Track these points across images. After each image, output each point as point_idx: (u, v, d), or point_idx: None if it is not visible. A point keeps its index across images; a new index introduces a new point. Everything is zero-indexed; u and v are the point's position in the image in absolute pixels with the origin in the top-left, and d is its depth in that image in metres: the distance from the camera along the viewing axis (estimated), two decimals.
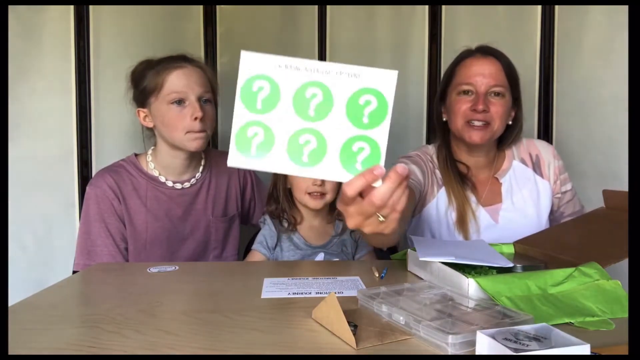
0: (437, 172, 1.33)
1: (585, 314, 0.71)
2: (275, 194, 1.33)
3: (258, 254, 1.29)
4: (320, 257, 1.27)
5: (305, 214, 1.32)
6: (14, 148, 1.52)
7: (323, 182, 1.24)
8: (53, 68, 1.59)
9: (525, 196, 1.31)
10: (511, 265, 0.90)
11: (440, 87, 1.35)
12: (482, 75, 1.23)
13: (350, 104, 0.68)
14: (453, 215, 1.28)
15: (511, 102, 1.28)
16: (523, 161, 1.35)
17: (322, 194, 1.26)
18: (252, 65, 0.70)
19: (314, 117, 0.68)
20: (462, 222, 1.26)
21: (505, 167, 1.34)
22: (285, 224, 1.31)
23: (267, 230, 1.31)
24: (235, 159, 0.71)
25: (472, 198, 1.30)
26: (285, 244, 1.30)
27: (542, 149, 1.37)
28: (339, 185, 1.18)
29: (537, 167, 1.35)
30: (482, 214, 1.29)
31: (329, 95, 0.68)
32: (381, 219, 0.67)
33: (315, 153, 0.68)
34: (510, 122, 1.31)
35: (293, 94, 0.69)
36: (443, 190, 1.30)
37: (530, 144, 1.38)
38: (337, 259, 1.28)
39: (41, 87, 1.57)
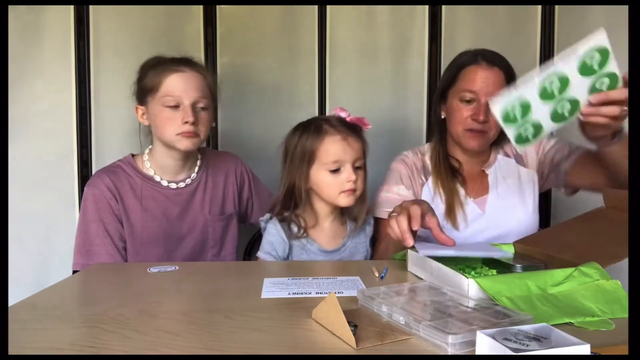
0: (423, 169, 1.40)
1: (585, 314, 0.71)
2: (295, 196, 1.21)
3: None
4: None
5: (322, 215, 1.24)
6: (14, 148, 1.52)
7: (357, 178, 1.17)
8: (53, 68, 1.59)
9: (509, 185, 1.38)
10: (509, 256, 0.91)
11: (441, 86, 1.39)
12: (485, 86, 1.27)
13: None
14: (441, 208, 1.33)
15: None
16: (506, 154, 1.43)
17: (354, 190, 1.18)
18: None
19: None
20: (450, 213, 1.32)
21: (491, 160, 1.42)
22: (295, 229, 1.21)
23: (276, 237, 1.19)
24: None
25: (462, 191, 1.36)
26: (296, 251, 1.20)
27: None
28: (364, 180, 1.21)
29: (518, 158, 1.42)
30: (470, 206, 1.35)
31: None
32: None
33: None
34: None
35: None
36: (427, 185, 1.37)
37: None
38: None
39: (41, 87, 1.58)
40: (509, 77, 1.30)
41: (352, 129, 1.20)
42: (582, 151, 1.29)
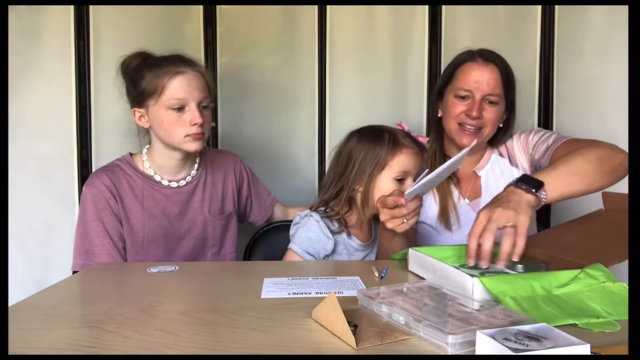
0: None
1: (590, 315, 0.71)
2: (344, 198, 1.25)
3: (297, 257, 1.21)
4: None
5: (365, 218, 1.28)
6: (13, 148, 1.52)
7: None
8: (53, 68, 1.59)
9: (502, 186, 1.34)
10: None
11: (439, 84, 1.40)
12: (480, 82, 1.28)
13: None
14: (434, 209, 1.34)
15: (504, 108, 1.34)
16: (500, 154, 1.42)
17: None
18: None
19: None
20: (443, 214, 1.33)
21: (484, 160, 1.41)
22: (336, 225, 1.24)
23: (317, 234, 1.21)
24: None
25: (455, 192, 1.36)
26: (339, 248, 1.24)
27: (514, 140, 1.40)
28: None
29: (511, 158, 1.40)
30: (463, 207, 1.35)
31: None
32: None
33: None
34: (500, 125, 1.37)
35: None
36: None
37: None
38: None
39: (41, 87, 1.57)
40: (506, 75, 1.31)
41: (419, 146, 1.27)
42: (555, 148, 1.25)
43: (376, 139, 1.24)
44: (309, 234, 1.21)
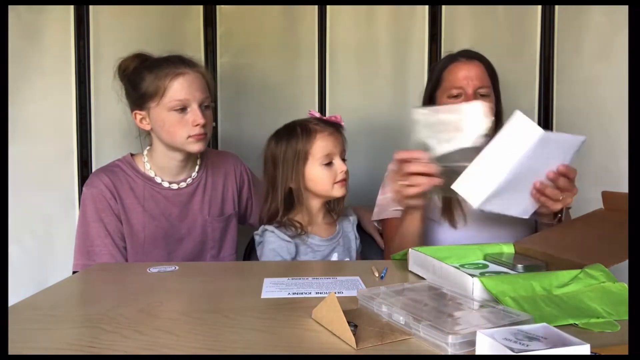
0: None
1: (590, 315, 0.71)
2: (288, 200, 1.26)
3: None
4: (334, 257, 1.28)
5: (314, 211, 1.30)
6: (14, 148, 1.52)
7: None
8: (53, 68, 1.59)
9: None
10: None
11: (428, 90, 1.42)
12: (469, 78, 1.32)
13: None
14: (438, 203, 1.33)
15: (495, 100, 1.37)
16: None
17: (346, 180, 1.27)
18: None
19: None
20: (446, 210, 1.33)
21: None
22: (292, 229, 1.25)
23: (278, 243, 1.22)
24: None
25: None
26: (302, 249, 1.25)
27: None
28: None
29: None
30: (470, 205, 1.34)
31: None
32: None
33: None
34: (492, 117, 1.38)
35: None
36: None
37: None
38: (347, 258, 1.30)
39: (41, 87, 1.57)
40: (490, 68, 1.36)
41: (333, 125, 1.29)
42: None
43: (290, 134, 1.27)
44: (271, 245, 1.23)
